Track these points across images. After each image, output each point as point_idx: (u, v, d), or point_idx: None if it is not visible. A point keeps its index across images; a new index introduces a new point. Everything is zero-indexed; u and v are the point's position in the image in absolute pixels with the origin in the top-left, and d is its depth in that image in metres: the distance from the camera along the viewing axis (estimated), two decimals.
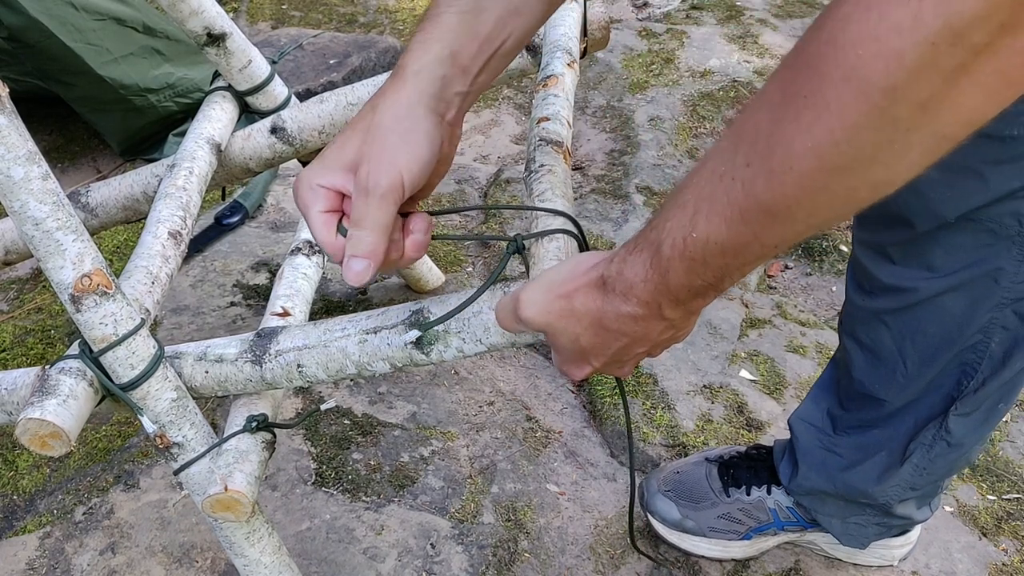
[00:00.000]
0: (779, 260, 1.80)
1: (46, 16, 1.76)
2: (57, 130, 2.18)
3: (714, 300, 0.61)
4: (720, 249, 0.54)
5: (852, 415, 1.05)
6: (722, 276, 0.56)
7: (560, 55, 1.00)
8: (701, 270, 0.55)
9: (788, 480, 1.14)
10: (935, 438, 0.98)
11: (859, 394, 1.02)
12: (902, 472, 1.02)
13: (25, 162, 0.72)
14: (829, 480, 1.08)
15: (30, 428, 0.78)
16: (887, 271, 0.92)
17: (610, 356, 0.65)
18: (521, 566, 1.21)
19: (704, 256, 0.54)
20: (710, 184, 0.53)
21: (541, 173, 0.84)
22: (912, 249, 0.89)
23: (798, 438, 1.12)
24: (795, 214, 0.50)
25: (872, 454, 1.03)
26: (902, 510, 1.08)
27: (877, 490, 1.05)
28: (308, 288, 1.04)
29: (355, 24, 2.69)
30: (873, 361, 0.98)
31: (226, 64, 1.22)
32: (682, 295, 0.58)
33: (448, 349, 0.78)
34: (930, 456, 1.00)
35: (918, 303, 0.91)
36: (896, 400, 0.99)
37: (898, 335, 0.94)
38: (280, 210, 1.87)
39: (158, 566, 1.18)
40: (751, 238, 0.52)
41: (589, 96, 2.24)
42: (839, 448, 1.06)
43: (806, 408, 1.13)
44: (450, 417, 1.41)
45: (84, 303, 0.78)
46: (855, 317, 1.00)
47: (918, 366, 0.94)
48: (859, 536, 1.14)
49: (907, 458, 1.01)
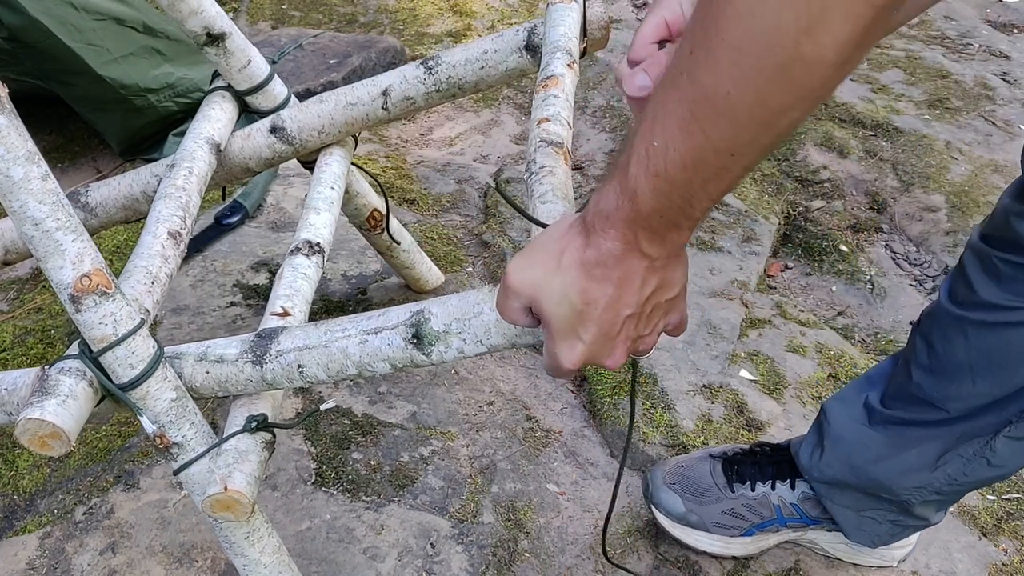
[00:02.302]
0: (779, 260, 1.80)
1: (46, 16, 1.76)
2: (57, 130, 2.18)
3: (689, 235, 0.62)
4: (680, 161, 0.54)
5: (896, 413, 1.05)
6: (689, 198, 0.56)
7: (560, 55, 1.00)
8: (667, 189, 0.56)
9: (810, 465, 1.13)
10: (976, 455, 0.99)
11: (913, 396, 1.02)
12: (933, 477, 1.02)
13: (25, 162, 0.72)
14: (853, 471, 1.08)
15: (30, 428, 0.78)
16: (991, 287, 0.92)
17: (599, 325, 0.64)
18: (521, 566, 1.21)
19: (667, 170, 0.55)
20: (664, 90, 0.54)
21: (542, 174, 0.84)
22: (1021, 272, 0.89)
23: (831, 423, 1.11)
24: (736, 103, 0.50)
25: (903, 451, 1.03)
26: (921, 511, 1.08)
27: (901, 488, 1.05)
28: (308, 288, 1.04)
29: (355, 24, 2.69)
30: (938, 366, 0.98)
31: (226, 64, 1.22)
32: (655, 222, 0.58)
33: (448, 350, 0.78)
34: (966, 470, 1.00)
35: (1009, 324, 0.91)
36: (952, 410, 0.99)
37: (974, 348, 0.94)
38: (280, 210, 1.87)
39: (158, 566, 1.18)
40: (703, 140, 0.52)
41: (589, 96, 2.24)
42: (872, 441, 1.06)
43: (846, 394, 1.12)
44: (450, 417, 1.41)
45: (84, 303, 0.78)
46: (937, 320, 1.00)
47: (988, 383, 0.95)
48: (871, 532, 1.13)
49: (940, 466, 1.01)
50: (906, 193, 1.94)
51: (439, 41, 2.58)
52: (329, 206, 1.17)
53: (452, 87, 1.18)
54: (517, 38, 1.13)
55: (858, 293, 1.75)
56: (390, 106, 1.21)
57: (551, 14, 1.08)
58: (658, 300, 0.65)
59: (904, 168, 2.00)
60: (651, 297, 0.64)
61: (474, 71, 1.16)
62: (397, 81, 1.20)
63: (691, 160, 0.54)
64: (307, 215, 1.14)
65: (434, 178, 2.03)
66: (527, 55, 1.13)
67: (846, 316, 1.70)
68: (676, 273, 0.65)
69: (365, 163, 1.97)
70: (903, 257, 1.81)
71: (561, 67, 0.98)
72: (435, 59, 1.18)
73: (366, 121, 1.23)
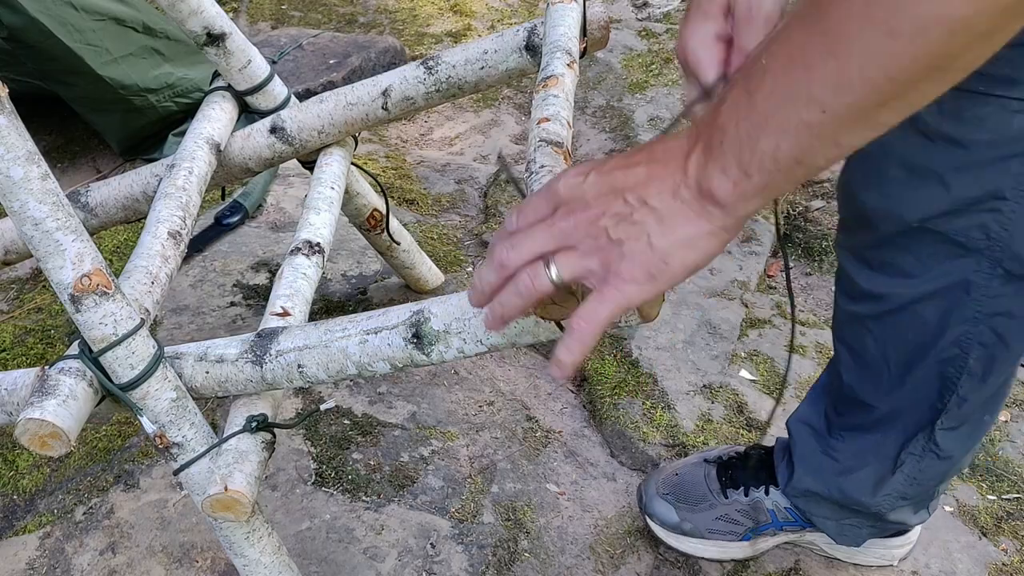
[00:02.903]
0: (779, 260, 1.80)
1: (46, 16, 1.76)
2: (57, 130, 2.18)
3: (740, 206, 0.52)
4: (771, 86, 0.48)
5: (844, 419, 1.05)
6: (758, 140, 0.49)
7: (560, 55, 1.00)
8: (747, 113, 0.49)
9: (785, 482, 1.14)
10: (924, 450, 0.99)
11: (849, 398, 1.02)
12: (894, 481, 1.02)
13: (25, 162, 0.72)
14: (824, 484, 1.08)
15: (30, 428, 0.78)
16: (865, 276, 0.92)
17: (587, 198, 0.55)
18: (521, 566, 1.21)
19: (757, 90, 0.49)
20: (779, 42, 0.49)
21: (541, 174, 0.84)
22: (886, 254, 0.89)
23: (795, 441, 1.12)
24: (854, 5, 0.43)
25: (866, 462, 1.03)
26: (896, 516, 1.09)
27: (871, 500, 1.05)
28: (308, 288, 1.04)
29: (355, 24, 2.69)
30: (860, 365, 0.99)
31: (225, 64, 1.22)
32: (715, 135, 0.51)
33: (449, 349, 0.78)
34: (920, 467, 1.00)
35: (895, 309, 0.91)
36: (883, 406, 0.99)
37: (880, 340, 0.94)
38: (280, 210, 1.87)
39: (158, 566, 1.18)
40: (802, 73, 0.46)
41: (589, 96, 2.24)
42: (834, 452, 1.07)
43: (803, 411, 1.13)
44: (450, 417, 1.41)
45: (84, 303, 0.78)
46: (842, 321, 1.01)
47: (900, 373, 0.95)
48: (853, 537, 1.14)
49: (899, 467, 1.01)
50: None
51: (439, 41, 2.58)
52: (329, 206, 1.17)
53: (452, 87, 1.18)
54: (517, 38, 1.13)
55: None
56: (390, 106, 1.21)
57: (551, 14, 1.08)
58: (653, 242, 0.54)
59: None
60: (650, 236, 0.54)
61: (474, 71, 1.16)
62: (397, 81, 1.20)
63: (783, 87, 0.48)
64: (307, 215, 1.14)
65: (434, 178, 2.03)
66: (527, 55, 1.13)
67: None
68: (677, 221, 0.54)
69: (365, 163, 1.97)
70: None
71: (561, 67, 0.98)
72: (435, 59, 1.18)
73: (366, 121, 1.23)
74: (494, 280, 0.59)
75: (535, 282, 0.57)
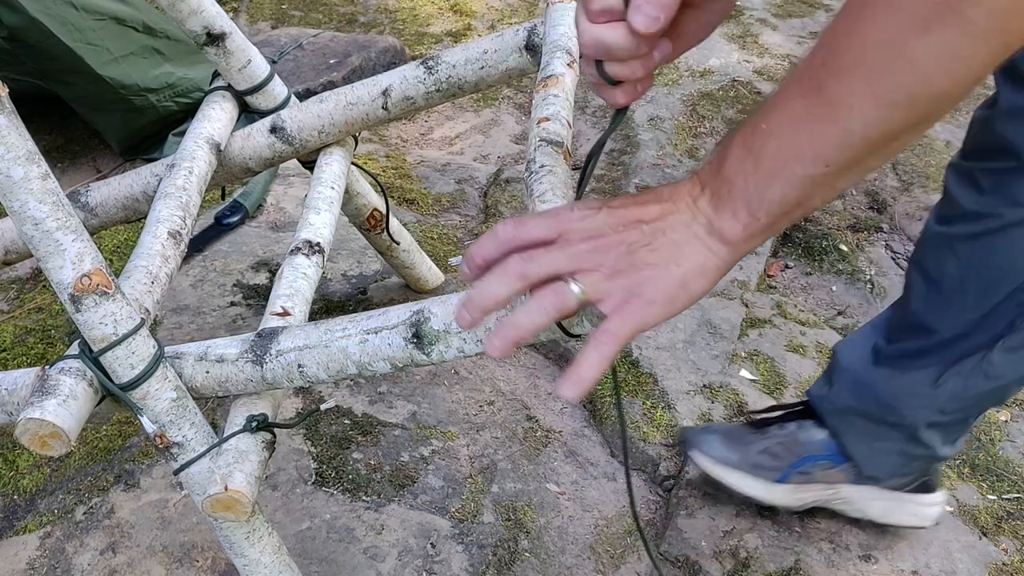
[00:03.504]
0: (779, 260, 1.80)
1: (46, 16, 1.76)
2: (57, 130, 2.18)
3: (756, 238, 0.59)
4: (777, 147, 0.55)
5: (896, 346, 1.09)
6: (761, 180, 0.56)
7: (560, 55, 1.00)
8: (754, 169, 0.56)
9: (820, 397, 1.18)
10: (974, 370, 1.02)
11: (911, 325, 1.06)
12: (934, 395, 1.05)
13: (25, 162, 0.72)
14: (860, 396, 1.12)
15: (30, 428, 0.78)
16: (972, 198, 0.96)
17: (604, 227, 0.60)
18: (521, 566, 1.21)
19: (762, 150, 0.56)
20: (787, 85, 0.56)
21: (541, 174, 0.84)
22: (1005, 179, 0.93)
23: (839, 360, 1.16)
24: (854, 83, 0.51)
25: (906, 374, 1.07)
26: (927, 437, 1.10)
27: (905, 407, 1.08)
28: (308, 288, 1.04)
29: (355, 24, 2.69)
30: (933, 291, 1.03)
31: (225, 64, 1.22)
32: (723, 186, 0.58)
33: (449, 349, 0.78)
34: (965, 384, 1.03)
35: (993, 230, 0.94)
36: (946, 331, 1.02)
37: (964, 264, 0.98)
38: (280, 210, 1.87)
39: (158, 566, 1.18)
40: (807, 136, 0.54)
41: (589, 96, 2.24)
42: (875, 376, 1.10)
43: (854, 337, 1.18)
44: (450, 417, 1.41)
45: (84, 303, 0.78)
46: (927, 246, 1.04)
47: (977, 297, 0.98)
48: (883, 464, 1.17)
49: (941, 384, 1.04)
50: (906, 193, 1.94)
51: (439, 41, 2.58)
52: (329, 206, 1.17)
53: (452, 87, 1.18)
54: (517, 38, 1.13)
55: (858, 293, 1.75)
56: (390, 106, 1.21)
57: (551, 14, 1.08)
58: (636, 240, 0.59)
59: (904, 168, 2.00)
60: (659, 263, 0.59)
61: (474, 71, 1.16)
62: (397, 81, 1.20)
63: (786, 129, 0.55)
64: (307, 215, 1.14)
65: (434, 178, 2.03)
66: (527, 55, 1.13)
67: (846, 316, 1.70)
68: (687, 247, 0.59)
69: (365, 163, 1.97)
70: (903, 257, 1.81)
71: (561, 66, 0.98)
72: (435, 59, 1.18)
73: (366, 121, 1.23)
74: (516, 285, 0.62)
75: (562, 299, 0.60)
